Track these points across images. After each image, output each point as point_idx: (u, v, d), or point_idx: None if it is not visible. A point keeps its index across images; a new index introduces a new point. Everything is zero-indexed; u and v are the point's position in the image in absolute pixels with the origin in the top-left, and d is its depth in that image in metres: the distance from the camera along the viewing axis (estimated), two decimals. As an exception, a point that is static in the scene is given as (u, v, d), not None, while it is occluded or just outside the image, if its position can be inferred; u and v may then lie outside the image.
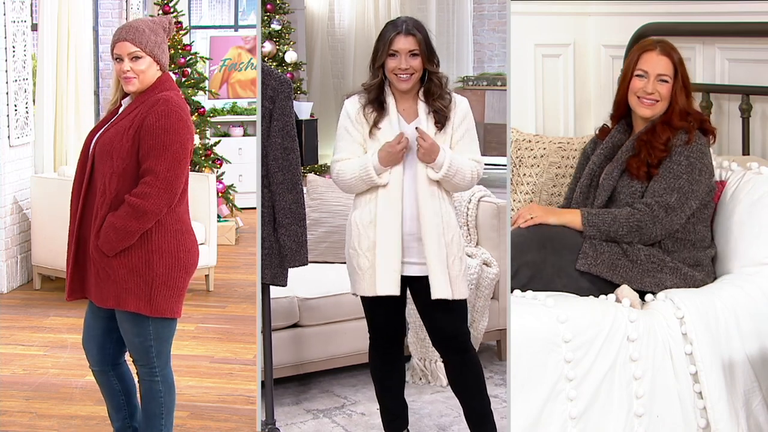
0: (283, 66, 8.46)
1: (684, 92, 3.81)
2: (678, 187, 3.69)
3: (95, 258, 3.38)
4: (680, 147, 3.72)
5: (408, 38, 3.53)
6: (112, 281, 3.37)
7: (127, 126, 3.36)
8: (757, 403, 3.61)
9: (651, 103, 3.80)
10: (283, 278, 3.92)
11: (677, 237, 3.75)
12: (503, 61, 9.96)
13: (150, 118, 3.33)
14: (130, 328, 3.44)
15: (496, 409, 3.83)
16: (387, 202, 3.57)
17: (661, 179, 3.71)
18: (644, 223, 3.67)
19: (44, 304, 6.24)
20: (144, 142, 3.32)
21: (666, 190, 3.69)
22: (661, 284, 3.69)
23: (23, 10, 6.68)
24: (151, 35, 3.46)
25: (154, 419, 3.54)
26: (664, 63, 3.80)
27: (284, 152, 3.86)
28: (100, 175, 3.38)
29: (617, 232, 3.68)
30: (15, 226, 6.64)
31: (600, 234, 3.69)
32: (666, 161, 3.72)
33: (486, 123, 8.81)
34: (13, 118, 6.53)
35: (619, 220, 3.69)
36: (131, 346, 3.48)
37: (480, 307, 4.71)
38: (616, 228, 3.68)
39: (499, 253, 4.80)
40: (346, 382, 4.69)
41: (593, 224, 3.70)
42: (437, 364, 4.61)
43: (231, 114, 9.61)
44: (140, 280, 3.37)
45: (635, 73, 3.83)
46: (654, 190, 3.70)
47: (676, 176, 3.70)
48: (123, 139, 3.34)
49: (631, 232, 3.68)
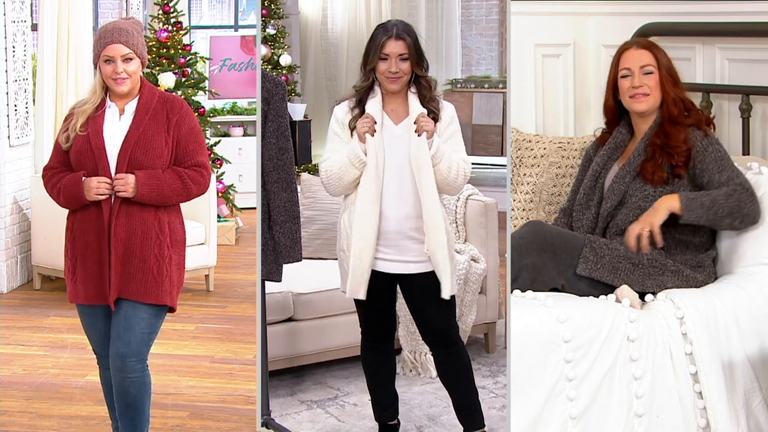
0: (278, 69, 8.55)
1: (671, 80, 3.82)
2: (737, 169, 3.71)
3: (140, 254, 3.47)
4: (702, 140, 3.73)
5: (398, 42, 3.60)
6: (148, 275, 3.47)
7: (157, 130, 3.50)
8: (757, 403, 3.60)
9: (642, 96, 3.81)
10: (278, 274, 4.02)
11: (679, 239, 3.75)
12: (490, 64, 10.18)
13: (186, 121, 3.54)
14: (147, 321, 3.50)
15: (484, 399, 3.95)
16: (363, 207, 3.64)
17: (718, 168, 3.68)
18: (743, 202, 3.65)
19: (44, 304, 6.24)
20: (189, 144, 3.55)
21: (735, 172, 3.69)
22: (662, 286, 3.68)
23: (23, 10, 6.68)
24: (138, 37, 3.54)
25: (143, 414, 3.56)
26: (644, 56, 3.83)
27: (279, 152, 3.94)
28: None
29: (717, 214, 3.64)
30: (15, 226, 6.65)
31: (699, 218, 3.64)
32: (699, 156, 3.70)
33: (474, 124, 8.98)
34: (13, 118, 6.53)
35: (718, 202, 3.64)
36: (137, 339, 3.49)
37: (468, 301, 4.81)
38: (716, 209, 3.64)
39: (487, 250, 4.95)
40: (339, 374, 4.77)
41: (691, 209, 3.63)
42: (427, 357, 4.69)
43: (231, 114, 9.61)
44: (167, 273, 3.51)
45: (620, 74, 3.85)
46: (725, 176, 3.67)
47: (727, 160, 3.71)
48: (163, 144, 3.50)
49: (732, 212, 3.65)
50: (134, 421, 3.56)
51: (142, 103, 3.53)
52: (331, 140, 3.74)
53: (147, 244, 3.48)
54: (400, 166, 3.64)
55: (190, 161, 3.55)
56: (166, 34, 7.71)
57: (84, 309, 3.60)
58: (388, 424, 4.00)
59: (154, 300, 3.49)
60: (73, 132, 3.51)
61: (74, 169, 3.52)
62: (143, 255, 3.47)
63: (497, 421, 4.10)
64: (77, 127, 3.50)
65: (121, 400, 3.54)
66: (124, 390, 3.52)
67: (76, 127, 3.50)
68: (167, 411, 4.44)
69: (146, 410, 3.58)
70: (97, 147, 3.47)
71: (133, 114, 3.52)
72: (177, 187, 3.51)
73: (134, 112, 3.53)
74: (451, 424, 4.11)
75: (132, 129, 3.49)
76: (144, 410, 3.56)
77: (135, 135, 3.48)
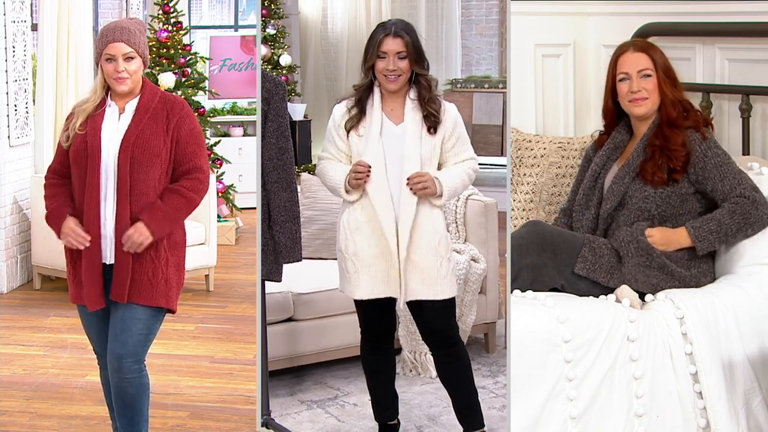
0: (278, 69, 8.55)
1: (670, 82, 3.81)
2: (739, 171, 3.70)
3: (136, 255, 3.45)
4: (701, 144, 3.72)
5: (396, 40, 3.61)
6: (143, 276, 3.46)
7: (156, 130, 3.48)
8: (757, 403, 3.60)
9: (640, 101, 3.80)
10: (278, 274, 4.02)
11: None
12: (490, 64, 10.21)
13: (186, 122, 3.54)
14: (144, 322, 3.49)
15: (484, 399, 3.96)
16: (372, 211, 3.65)
17: (719, 175, 3.67)
18: (748, 213, 3.65)
19: (44, 304, 6.24)
20: (188, 145, 3.53)
21: (737, 178, 3.68)
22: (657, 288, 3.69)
23: (23, 10, 6.68)
24: (140, 36, 3.53)
25: (142, 414, 3.56)
26: (642, 59, 3.81)
27: (279, 152, 3.94)
28: (142, 177, 3.45)
29: (727, 234, 3.66)
30: (15, 226, 6.64)
31: (713, 244, 3.67)
32: (698, 163, 3.69)
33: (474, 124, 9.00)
34: (13, 118, 6.53)
35: (725, 224, 3.65)
36: (134, 341, 3.49)
37: (468, 301, 4.81)
38: (725, 230, 3.65)
39: (487, 250, 4.95)
40: (339, 374, 4.77)
41: (702, 238, 3.66)
42: (427, 357, 4.69)
43: (231, 114, 9.61)
44: (163, 274, 3.50)
45: (618, 78, 3.84)
46: (727, 186, 3.67)
47: (728, 164, 3.70)
48: (162, 144, 3.48)
49: (741, 228, 3.66)
50: (132, 422, 3.56)
51: (142, 103, 3.52)
52: (327, 140, 3.77)
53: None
54: (400, 168, 3.64)
55: (189, 163, 3.53)
56: (166, 34, 7.71)
57: (83, 309, 3.59)
58: (388, 424, 4.00)
59: (147, 302, 3.47)
60: (72, 131, 3.50)
61: (72, 167, 3.51)
62: (138, 256, 3.46)
63: (497, 421, 4.10)
64: (77, 125, 3.49)
65: (119, 400, 3.54)
66: (122, 390, 3.52)
67: (76, 125, 3.49)
68: (167, 411, 4.44)
69: (144, 410, 3.57)
70: (92, 145, 3.46)
71: (132, 113, 3.52)
72: (182, 206, 3.50)
73: (134, 111, 3.52)
74: (451, 424, 4.11)
75: (131, 128, 3.48)
76: (142, 410, 3.56)
77: (134, 134, 3.47)
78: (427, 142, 3.64)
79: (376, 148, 3.63)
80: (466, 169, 3.69)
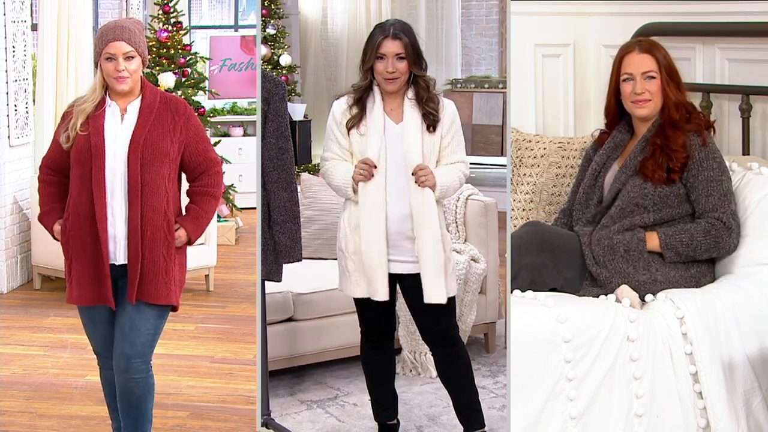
0: (278, 69, 8.55)
1: (673, 85, 3.80)
2: (727, 191, 3.71)
3: (149, 255, 3.47)
4: (700, 150, 3.72)
5: (395, 42, 3.61)
6: (158, 275, 3.48)
7: (162, 130, 3.50)
8: (757, 403, 3.60)
9: (644, 102, 3.80)
10: (278, 274, 4.02)
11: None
12: (490, 64, 10.21)
13: (192, 122, 3.56)
14: (152, 322, 3.51)
15: (484, 399, 3.96)
16: (371, 208, 3.64)
17: (706, 190, 3.69)
18: (721, 237, 3.68)
19: (44, 304, 6.24)
20: (199, 143, 3.59)
21: (721, 200, 3.69)
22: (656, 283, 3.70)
23: (23, 10, 6.68)
24: (140, 35, 3.53)
25: (146, 414, 3.56)
26: (646, 60, 3.80)
27: (279, 152, 3.94)
28: (152, 177, 3.46)
29: (696, 250, 3.69)
30: (15, 226, 6.64)
31: (679, 256, 3.69)
32: (693, 169, 3.70)
33: (474, 124, 8.99)
34: (13, 118, 6.53)
35: (696, 239, 3.67)
36: (142, 341, 3.49)
37: (468, 301, 4.82)
38: (695, 246, 3.68)
39: (487, 249, 4.95)
40: (339, 374, 4.77)
41: (671, 247, 3.68)
42: (427, 357, 4.69)
43: (231, 114, 9.61)
44: (173, 273, 3.52)
45: (622, 78, 3.84)
46: (710, 204, 3.69)
47: (718, 182, 3.70)
48: (169, 144, 3.50)
49: (710, 248, 3.69)
50: (137, 422, 3.56)
51: (145, 104, 3.52)
52: (328, 138, 3.75)
53: (156, 245, 3.48)
54: (400, 166, 3.65)
55: (203, 159, 3.60)
56: (166, 34, 7.71)
57: (84, 309, 3.59)
58: (387, 424, 4.00)
59: (164, 300, 3.49)
60: (73, 131, 3.49)
61: (73, 167, 3.51)
62: (152, 256, 3.47)
63: (497, 421, 4.11)
64: (77, 126, 3.48)
65: (125, 400, 3.54)
66: (128, 391, 3.52)
67: (77, 126, 3.48)
68: (167, 411, 4.44)
69: (149, 411, 3.58)
70: (96, 146, 3.46)
71: (137, 114, 3.52)
72: (215, 206, 3.66)
73: (138, 112, 3.52)
74: (451, 424, 4.11)
75: (138, 129, 3.48)
76: (147, 411, 3.56)
77: (142, 135, 3.47)
78: (428, 140, 3.64)
79: (378, 147, 3.63)
80: (457, 172, 3.68)
